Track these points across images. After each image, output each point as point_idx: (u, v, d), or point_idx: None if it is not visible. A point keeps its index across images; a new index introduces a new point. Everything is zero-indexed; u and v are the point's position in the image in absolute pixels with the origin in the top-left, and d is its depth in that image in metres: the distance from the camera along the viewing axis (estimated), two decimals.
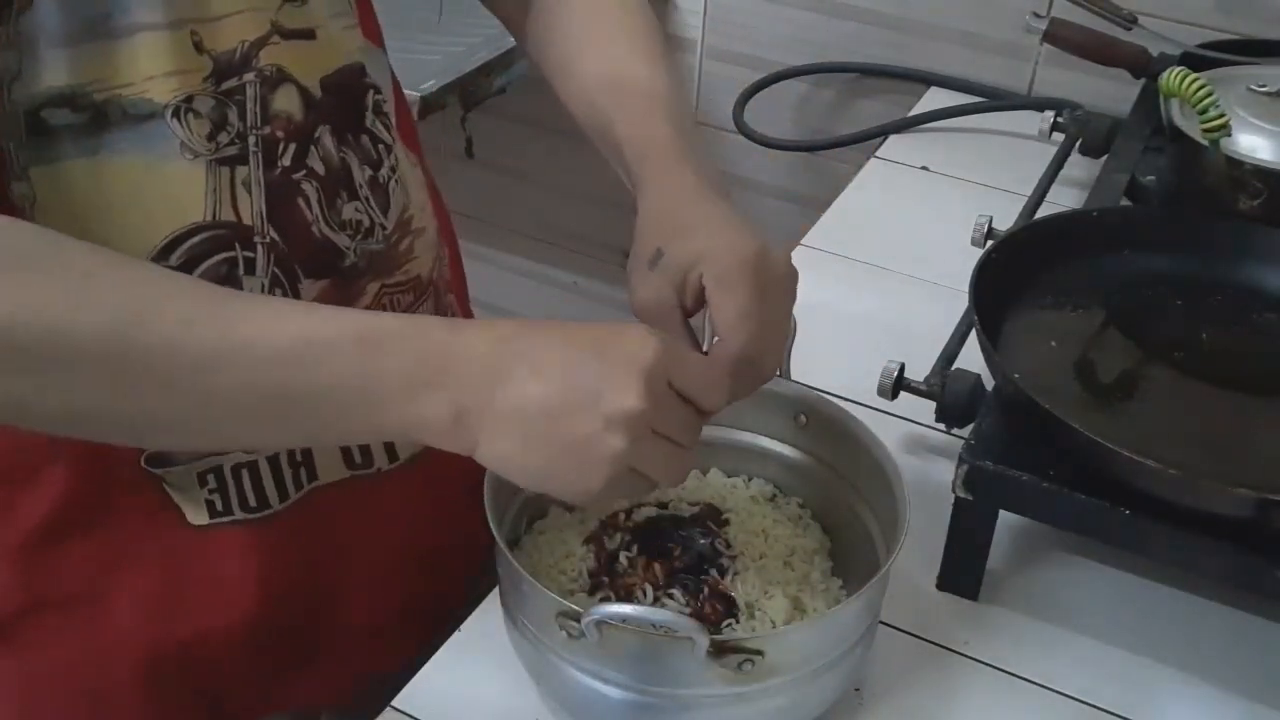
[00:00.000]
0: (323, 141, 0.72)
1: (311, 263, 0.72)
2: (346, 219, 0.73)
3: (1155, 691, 0.75)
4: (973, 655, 0.77)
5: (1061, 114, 1.23)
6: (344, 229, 0.73)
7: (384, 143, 0.77)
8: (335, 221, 0.73)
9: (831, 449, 0.77)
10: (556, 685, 0.68)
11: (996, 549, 0.79)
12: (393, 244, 0.77)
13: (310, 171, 0.71)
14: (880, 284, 1.10)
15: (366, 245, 0.75)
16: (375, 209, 0.75)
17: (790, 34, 1.49)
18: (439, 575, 0.86)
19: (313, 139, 0.71)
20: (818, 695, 0.68)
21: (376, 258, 0.75)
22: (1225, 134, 0.96)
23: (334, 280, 0.73)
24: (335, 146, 0.73)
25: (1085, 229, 0.94)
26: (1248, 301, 0.91)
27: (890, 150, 1.31)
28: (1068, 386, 0.83)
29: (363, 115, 0.75)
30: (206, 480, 0.72)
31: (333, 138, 0.73)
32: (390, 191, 0.76)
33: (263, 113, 0.69)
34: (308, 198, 0.71)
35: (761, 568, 0.73)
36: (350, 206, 0.73)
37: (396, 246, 0.77)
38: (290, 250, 0.71)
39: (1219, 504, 0.71)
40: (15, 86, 0.61)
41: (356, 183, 0.74)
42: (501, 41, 1.41)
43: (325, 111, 0.72)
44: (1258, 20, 1.25)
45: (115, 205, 0.65)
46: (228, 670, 0.77)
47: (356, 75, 0.75)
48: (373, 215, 0.75)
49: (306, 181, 0.71)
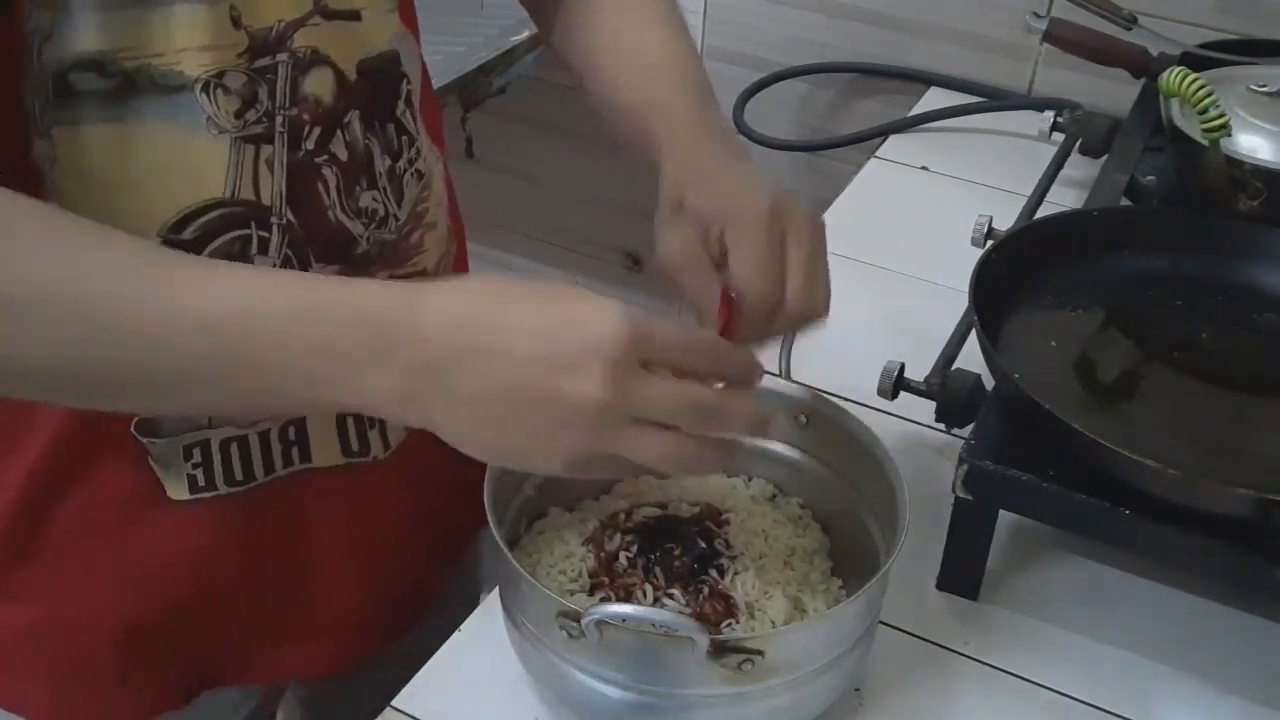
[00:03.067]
0: (351, 127, 0.71)
1: (324, 247, 0.71)
2: (363, 206, 0.73)
3: (1155, 691, 0.75)
4: (973, 655, 0.77)
5: (1061, 114, 1.23)
6: (359, 216, 0.73)
7: (409, 134, 0.76)
8: (352, 208, 0.72)
9: (831, 449, 0.77)
10: (556, 685, 0.68)
11: (996, 549, 0.80)
12: (404, 235, 0.76)
13: (332, 157, 0.71)
14: (880, 284, 1.10)
15: (380, 234, 0.74)
16: (391, 199, 0.75)
17: (790, 34, 1.49)
18: (420, 560, 0.86)
19: (340, 123, 0.71)
20: (818, 695, 0.68)
21: (387, 247, 0.75)
22: (1225, 134, 0.96)
23: (344, 266, 0.73)
24: (362, 133, 0.72)
25: (1085, 229, 0.94)
26: (1248, 301, 0.91)
27: (890, 150, 1.31)
28: (1068, 386, 0.83)
29: (393, 104, 0.75)
30: (192, 454, 0.72)
31: (361, 124, 0.72)
32: (405, 183, 0.76)
33: (292, 94, 0.68)
34: (327, 182, 0.71)
35: (761, 568, 0.73)
36: (368, 195, 0.73)
37: (408, 238, 0.77)
38: (305, 233, 0.70)
39: (1219, 504, 0.71)
40: (46, 47, 0.61)
41: (376, 171, 0.74)
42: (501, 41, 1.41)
43: (357, 97, 0.72)
44: (1258, 20, 1.25)
45: (135, 174, 0.64)
46: (206, 640, 0.78)
47: (392, 63, 0.74)
48: (388, 205, 0.75)
49: (328, 166, 0.71)
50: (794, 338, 0.74)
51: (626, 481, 0.80)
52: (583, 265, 1.83)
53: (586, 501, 0.79)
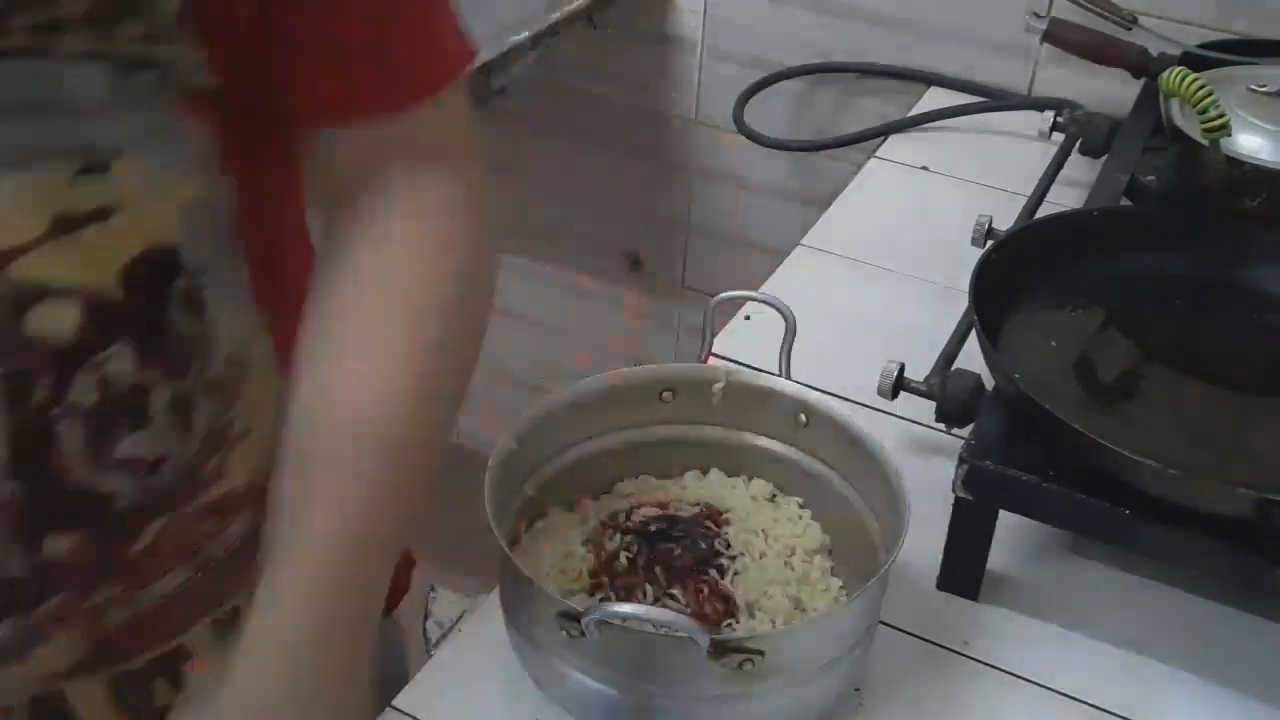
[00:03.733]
0: (109, 363, 0.56)
1: (61, 514, 0.57)
2: (123, 458, 0.58)
3: (1155, 691, 0.75)
4: (973, 655, 0.77)
5: (1061, 114, 1.23)
6: (119, 470, 0.58)
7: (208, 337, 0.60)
8: (107, 464, 0.58)
9: (831, 449, 0.77)
10: (556, 685, 0.68)
11: (996, 549, 0.80)
12: (195, 467, 0.61)
13: (71, 406, 0.55)
14: (880, 284, 1.10)
15: (152, 480, 0.59)
16: (173, 434, 0.60)
17: (790, 34, 1.49)
18: None
19: (86, 362, 0.55)
20: (818, 695, 0.68)
21: (166, 491, 0.61)
22: (1225, 134, 0.96)
23: (90, 531, 0.59)
24: (134, 363, 0.57)
25: (1085, 229, 0.94)
26: (1248, 301, 0.91)
27: (890, 150, 1.31)
28: (1068, 386, 0.83)
29: (167, 308, 0.58)
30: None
31: (132, 351, 0.57)
32: (196, 405, 0.60)
33: (10, 340, 0.53)
34: (61, 441, 0.56)
35: (761, 567, 0.73)
36: (132, 439, 0.58)
37: (200, 469, 0.62)
38: (32, 502, 0.56)
39: (1219, 504, 0.71)
40: None
41: (150, 408, 0.58)
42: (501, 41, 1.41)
43: (120, 319, 0.56)
44: (1258, 20, 1.25)
45: None
46: None
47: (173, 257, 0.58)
48: (167, 443, 0.60)
49: (67, 419, 0.56)
50: (793, 337, 0.74)
51: (627, 481, 0.80)
52: (582, 265, 1.82)
53: (586, 501, 0.79)
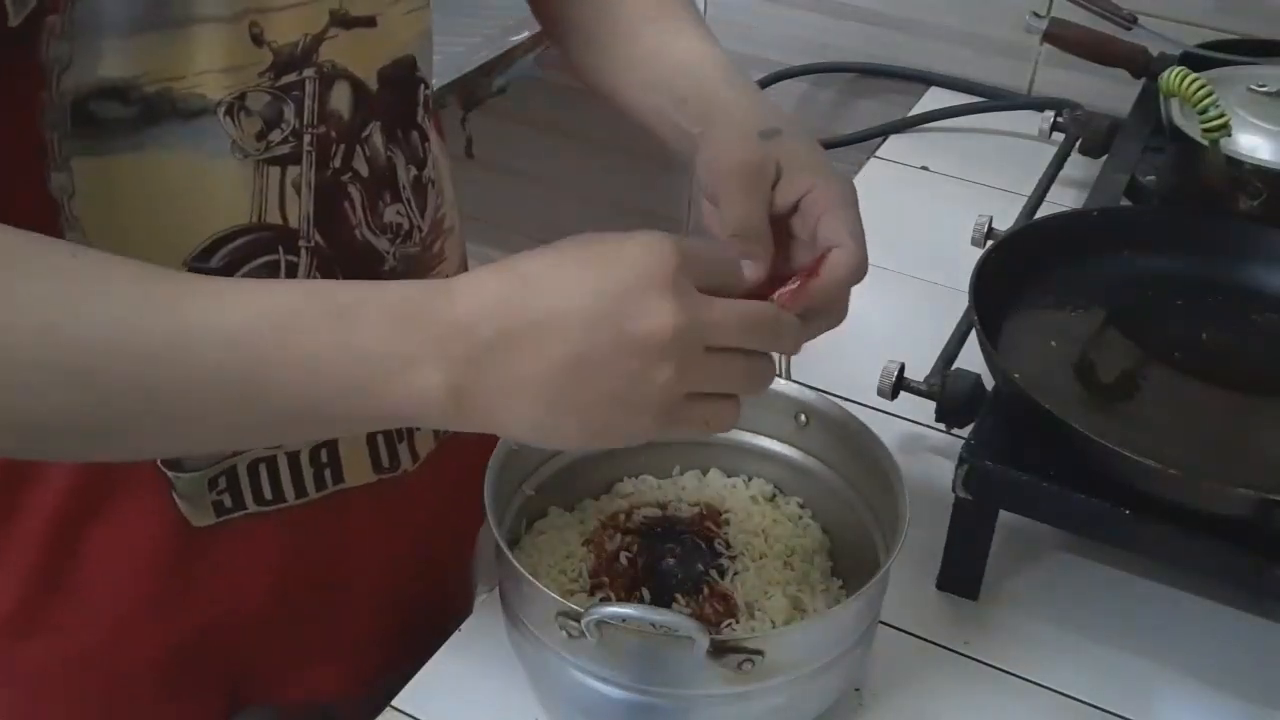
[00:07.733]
0: (371, 140, 0.69)
1: (351, 268, 0.69)
2: (388, 222, 0.71)
3: (1155, 691, 0.75)
4: (973, 655, 0.77)
5: (1061, 114, 1.23)
6: (385, 232, 0.71)
7: (429, 140, 0.74)
8: (377, 225, 0.71)
9: (831, 449, 0.77)
10: (556, 685, 0.68)
11: (996, 549, 0.79)
12: (427, 245, 0.75)
13: (356, 173, 0.69)
14: (880, 284, 1.09)
15: (405, 249, 0.73)
16: (415, 210, 0.73)
17: (790, 34, 1.49)
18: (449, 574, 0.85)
19: (360, 138, 0.69)
20: (818, 695, 0.68)
21: (412, 261, 0.73)
22: (1225, 134, 0.96)
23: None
24: (384, 145, 0.70)
25: (1085, 229, 0.94)
26: (1248, 301, 0.91)
27: (890, 150, 1.31)
28: (1068, 386, 0.83)
29: (414, 111, 0.73)
30: (217, 483, 0.71)
31: (382, 135, 0.70)
32: (428, 192, 0.74)
33: (319, 111, 0.66)
34: (353, 200, 0.69)
35: (761, 568, 0.73)
36: (392, 209, 0.71)
37: (430, 248, 0.75)
38: (333, 254, 0.68)
39: (1219, 504, 0.71)
40: (65, 76, 0.59)
41: (400, 183, 0.72)
42: (501, 41, 1.41)
43: (378, 107, 0.69)
44: (1258, 20, 1.25)
45: (159, 203, 0.62)
46: (243, 657, 0.77)
47: (409, 69, 0.72)
48: (412, 217, 0.73)
49: (353, 184, 0.69)
50: None
51: (626, 481, 0.80)
52: None
53: (586, 501, 0.79)
